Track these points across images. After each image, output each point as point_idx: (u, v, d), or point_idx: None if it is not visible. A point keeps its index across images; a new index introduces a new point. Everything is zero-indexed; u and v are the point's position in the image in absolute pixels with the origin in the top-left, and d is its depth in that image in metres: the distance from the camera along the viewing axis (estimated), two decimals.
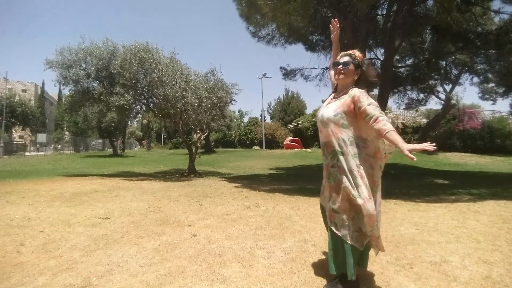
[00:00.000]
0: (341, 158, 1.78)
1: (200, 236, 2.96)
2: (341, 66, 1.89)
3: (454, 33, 9.01)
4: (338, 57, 1.98)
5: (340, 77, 1.90)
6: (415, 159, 1.50)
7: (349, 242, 1.76)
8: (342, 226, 1.80)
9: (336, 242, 1.83)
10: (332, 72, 2.06)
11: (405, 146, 1.52)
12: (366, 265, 1.90)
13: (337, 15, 7.83)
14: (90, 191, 5.71)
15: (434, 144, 1.53)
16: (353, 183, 1.74)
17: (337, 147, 1.80)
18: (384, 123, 1.61)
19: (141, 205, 4.46)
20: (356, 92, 1.79)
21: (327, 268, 1.91)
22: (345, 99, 1.82)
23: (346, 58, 1.90)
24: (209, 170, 10.95)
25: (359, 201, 1.71)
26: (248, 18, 9.06)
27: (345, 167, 1.76)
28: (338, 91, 1.96)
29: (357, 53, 1.91)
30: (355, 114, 1.77)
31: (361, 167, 1.75)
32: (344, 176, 1.77)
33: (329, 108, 1.88)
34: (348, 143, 1.78)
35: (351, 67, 1.87)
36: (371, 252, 2.53)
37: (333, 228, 1.84)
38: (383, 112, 1.69)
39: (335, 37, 2.17)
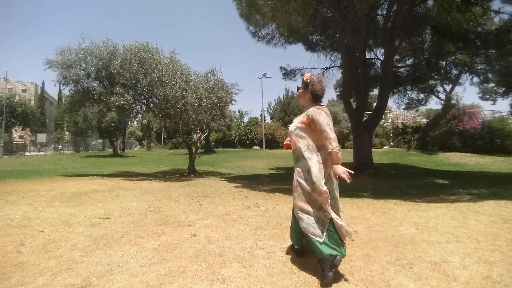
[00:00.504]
0: (300, 162, 2.20)
1: (200, 236, 2.96)
2: (296, 91, 2.40)
3: (454, 33, 8.99)
4: None
5: (298, 100, 2.39)
6: (348, 181, 1.94)
7: (305, 230, 2.10)
8: (299, 218, 2.17)
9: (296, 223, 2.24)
10: None
11: (336, 169, 2.01)
12: (342, 252, 2.03)
13: (337, 15, 7.82)
14: (90, 191, 5.72)
15: (351, 176, 1.97)
16: (307, 181, 2.11)
17: (298, 154, 2.22)
18: (330, 142, 2.02)
19: (141, 205, 4.46)
20: (311, 111, 2.16)
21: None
22: (303, 116, 2.23)
23: (299, 84, 2.35)
24: (209, 170, 10.96)
25: (315, 182, 2.05)
26: (248, 18, 9.04)
27: (302, 168, 2.17)
28: (304, 109, 2.36)
29: (305, 76, 2.31)
30: (311, 128, 2.17)
31: (314, 167, 2.09)
32: (299, 177, 2.17)
33: (293, 123, 2.33)
34: (303, 149, 2.17)
35: (300, 90, 2.31)
36: (372, 252, 2.53)
37: (296, 215, 2.22)
38: (333, 131, 2.07)
39: None
